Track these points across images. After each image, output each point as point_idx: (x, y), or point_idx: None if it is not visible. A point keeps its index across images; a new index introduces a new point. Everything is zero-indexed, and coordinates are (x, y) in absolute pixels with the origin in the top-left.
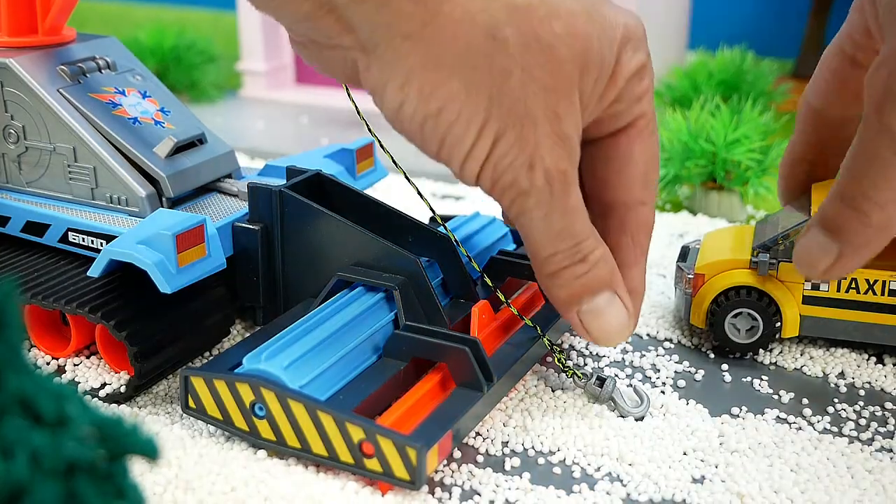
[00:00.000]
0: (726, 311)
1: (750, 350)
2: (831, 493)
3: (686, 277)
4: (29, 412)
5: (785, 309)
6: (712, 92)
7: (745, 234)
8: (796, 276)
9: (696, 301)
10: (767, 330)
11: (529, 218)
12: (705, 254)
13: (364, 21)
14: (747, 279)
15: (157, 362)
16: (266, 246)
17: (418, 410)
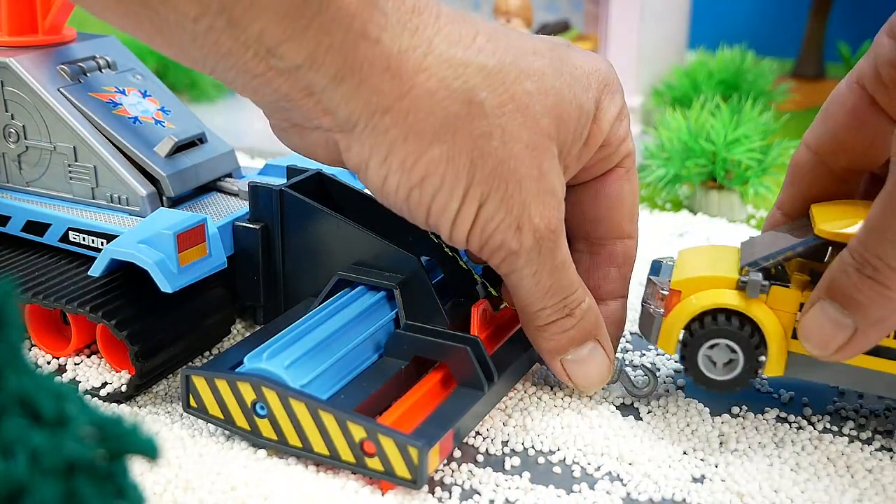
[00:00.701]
0: (702, 340)
1: (726, 388)
2: (831, 493)
3: (659, 293)
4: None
5: (771, 342)
6: (712, 91)
7: (727, 251)
8: (790, 303)
9: (668, 322)
10: (749, 365)
11: (519, 276)
12: (683, 269)
13: (342, 102)
14: (733, 301)
15: (157, 361)
16: (266, 245)
17: (419, 409)
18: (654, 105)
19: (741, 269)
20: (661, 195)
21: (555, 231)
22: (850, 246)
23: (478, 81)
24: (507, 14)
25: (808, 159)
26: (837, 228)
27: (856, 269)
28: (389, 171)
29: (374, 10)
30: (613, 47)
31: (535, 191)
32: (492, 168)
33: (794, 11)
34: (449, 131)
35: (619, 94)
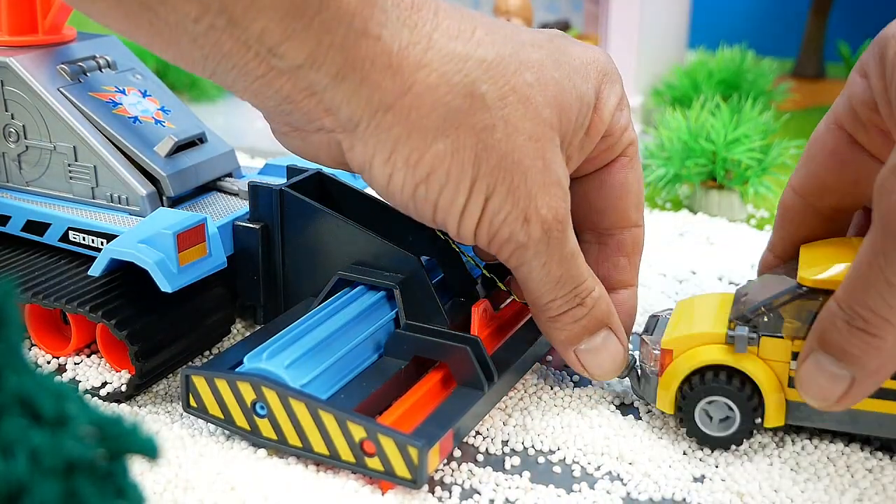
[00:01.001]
0: (697, 398)
1: (725, 445)
2: (831, 493)
3: (651, 353)
4: (29, 411)
5: (768, 393)
6: (712, 91)
7: (723, 302)
8: (781, 353)
9: (664, 382)
10: (745, 423)
11: (529, 268)
12: (675, 325)
13: (343, 101)
14: (722, 357)
15: (157, 361)
16: (266, 245)
17: (419, 409)
18: (654, 105)
19: (729, 323)
20: (661, 195)
21: (562, 221)
22: (837, 296)
23: (479, 74)
24: (508, 14)
25: (794, 202)
26: (818, 275)
27: (845, 321)
28: (394, 168)
29: (374, 7)
30: (613, 47)
31: (541, 182)
32: (496, 161)
33: (794, 11)
34: (452, 126)
35: (619, 84)
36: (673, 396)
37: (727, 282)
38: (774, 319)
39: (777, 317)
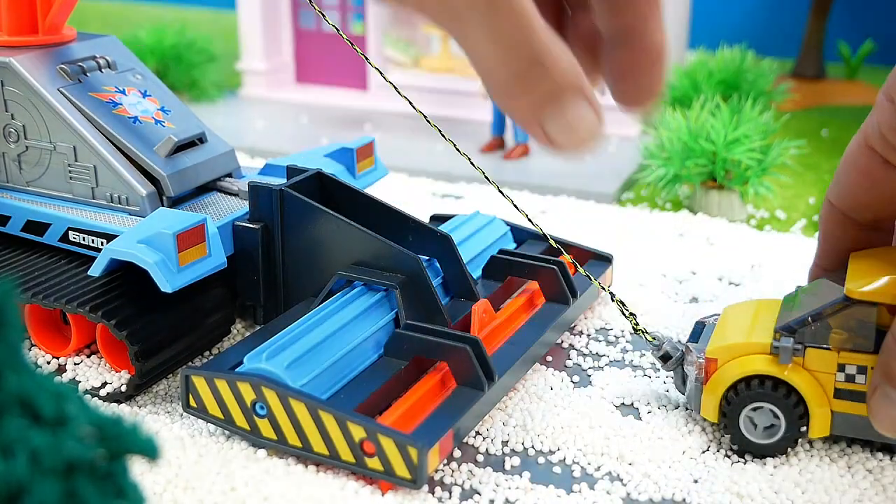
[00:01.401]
0: (742, 405)
1: (770, 452)
2: (831, 493)
3: (697, 362)
4: (29, 411)
5: (813, 405)
6: (712, 91)
7: (770, 310)
8: (827, 364)
9: (708, 390)
10: (790, 431)
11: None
12: (721, 333)
13: None
14: (767, 367)
15: (157, 361)
16: (266, 245)
17: (419, 409)
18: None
19: (775, 334)
20: (661, 195)
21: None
22: (893, 330)
23: None
24: None
25: (834, 215)
26: (865, 287)
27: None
28: None
29: None
30: None
31: None
32: None
33: (793, 11)
34: None
35: None
36: (717, 404)
37: (727, 282)
38: (820, 331)
39: (823, 328)
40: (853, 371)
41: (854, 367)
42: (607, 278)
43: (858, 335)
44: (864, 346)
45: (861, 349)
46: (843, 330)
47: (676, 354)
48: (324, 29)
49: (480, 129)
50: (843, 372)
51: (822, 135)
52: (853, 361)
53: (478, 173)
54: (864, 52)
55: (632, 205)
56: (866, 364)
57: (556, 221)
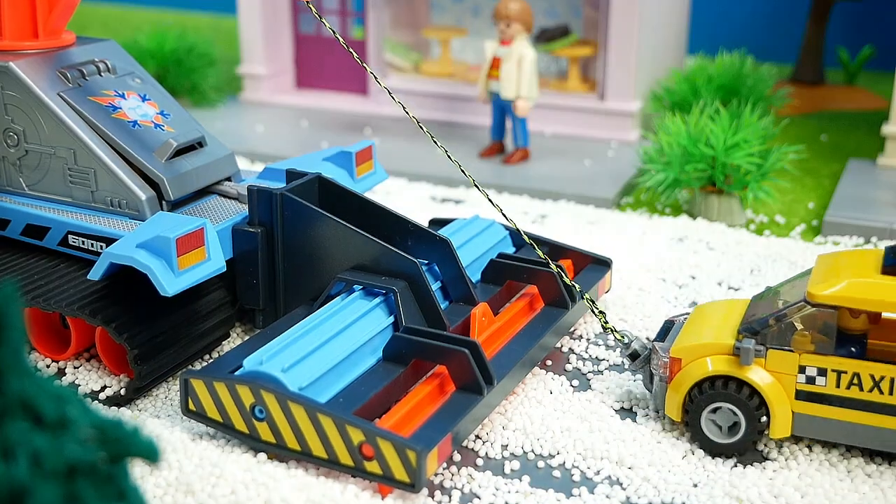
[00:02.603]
0: (704, 404)
1: (732, 451)
2: (831, 497)
3: (662, 361)
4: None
5: (774, 406)
6: (712, 96)
7: (738, 310)
8: (788, 366)
9: (672, 389)
10: (751, 432)
11: None
12: (687, 333)
13: None
14: (729, 368)
15: (156, 365)
16: (266, 249)
17: (418, 413)
18: (654, 110)
19: (738, 335)
20: (661, 200)
21: None
22: None
23: None
24: (508, 19)
25: None
26: (826, 290)
27: None
28: None
29: None
30: (613, 52)
31: None
32: None
33: (793, 17)
34: None
35: None
36: (680, 404)
37: (727, 287)
38: (782, 332)
39: (785, 330)
40: (814, 373)
41: (815, 370)
42: (606, 283)
43: (820, 337)
44: (825, 349)
45: (822, 351)
46: (804, 332)
47: (644, 353)
48: (324, 34)
49: (480, 134)
50: (803, 374)
51: (822, 140)
52: (814, 363)
53: (478, 178)
54: (863, 57)
55: (631, 209)
56: (827, 366)
57: (555, 226)
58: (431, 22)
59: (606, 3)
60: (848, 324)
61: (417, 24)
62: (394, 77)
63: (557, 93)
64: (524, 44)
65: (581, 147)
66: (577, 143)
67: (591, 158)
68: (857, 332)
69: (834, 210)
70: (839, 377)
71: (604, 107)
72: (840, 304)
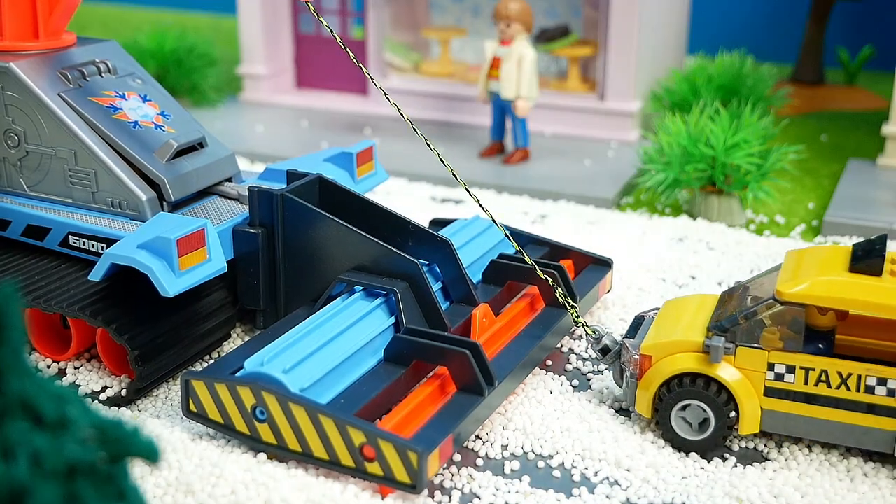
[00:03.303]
0: (674, 402)
1: (702, 448)
2: (831, 497)
3: (632, 358)
4: (30, 414)
5: (743, 402)
6: (712, 96)
7: (707, 306)
8: (757, 363)
9: (642, 386)
10: (720, 424)
11: None
12: (657, 330)
13: None
14: (698, 365)
15: (157, 366)
16: (267, 249)
17: (419, 414)
18: (654, 110)
19: (707, 332)
20: (661, 200)
21: None
22: None
23: None
24: (508, 19)
25: None
26: (793, 289)
27: None
28: None
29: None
30: (613, 52)
31: None
32: None
33: (793, 17)
34: None
35: None
36: (650, 401)
37: (727, 287)
38: (751, 330)
39: (754, 327)
40: (782, 370)
41: (783, 367)
42: (607, 283)
43: (788, 335)
44: (793, 346)
45: (790, 349)
46: (773, 329)
47: (615, 348)
48: (324, 34)
49: (480, 134)
50: (772, 371)
51: (822, 140)
52: (782, 361)
53: (477, 178)
54: (863, 57)
55: (631, 209)
56: (795, 364)
57: (555, 226)
58: (431, 22)
59: (606, 3)
60: (816, 321)
61: (417, 24)
62: (394, 77)
63: (557, 93)
64: (524, 44)
65: (581, 147)
66: (577, 143)
67: (591, 158)
68: (826, 328)
69: (834, 210)
70: (807, 374)
71: (604, 107)
72: (808, 302)
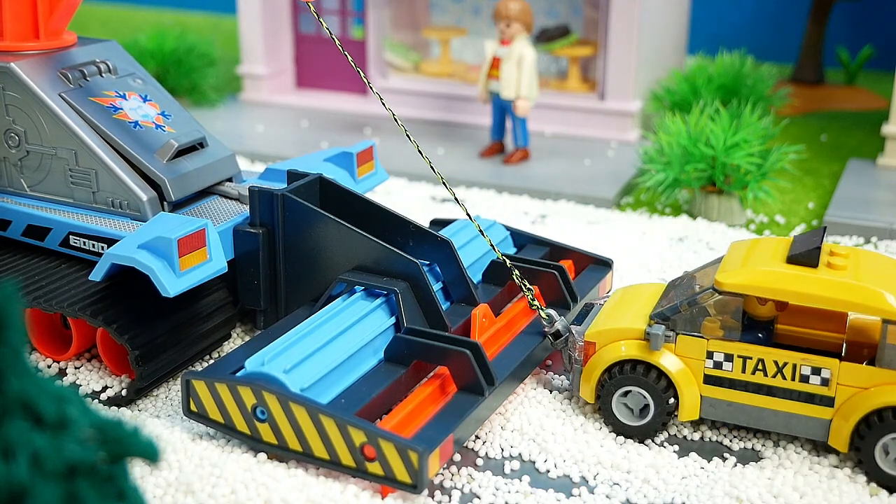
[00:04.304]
0: (614, 388)
1: (641, 433)
2: (830, 499)
3: (578, 344)
4: (30, 414)
5: (683, 389)
6: (712, 96)
7: (653, 295)
8: (697, 351)
9: (586, 372)
10: (660, 410)
11: None
12: (603, 317)
13: None
14: (640, 353)
15: (158, 366)
16: (267, 249)
17: (420, 414)
18: (654, 110)
19: (649, 320)
20: (661, 200)
21: None
22: None
23: None
24: (508, 19)
25: None
26: (732, 279)
27: None
28: None
29: None
30: (613, 52)
31: None
32: None
33: (793, 17)
34: None
35: None
36: (594, 387)
37: None
38: (692, 318)
39: (694, 316)
40: (721, 359)
41: (722, 355)
42: (607, 284)
43: (728, 324)
44: (732, 335)
45: (729, 338)
46: (713, 319)
47: (566, 334)
48: (324, 34)
49: (480, 134)
50: (711, 359)
51: (822, 140)
52: (721, 349)
53: (477, 178)
54: (863, 57)
55: (631, 209)
56: (733, 352)
57: (555, 226)
58: (431, 22)
59: (606, 3)
60: (756, 311)
61: (417, 24)
62: (394, 77)
63: (557, 93)
64: (524, 44)
65: (581, 147)
66: (577, 143)
67: (591, 158)
68: (765, 318)
69: (834, 210)
70: (745, 363)
71: (604, 107)
72: (744, 291)
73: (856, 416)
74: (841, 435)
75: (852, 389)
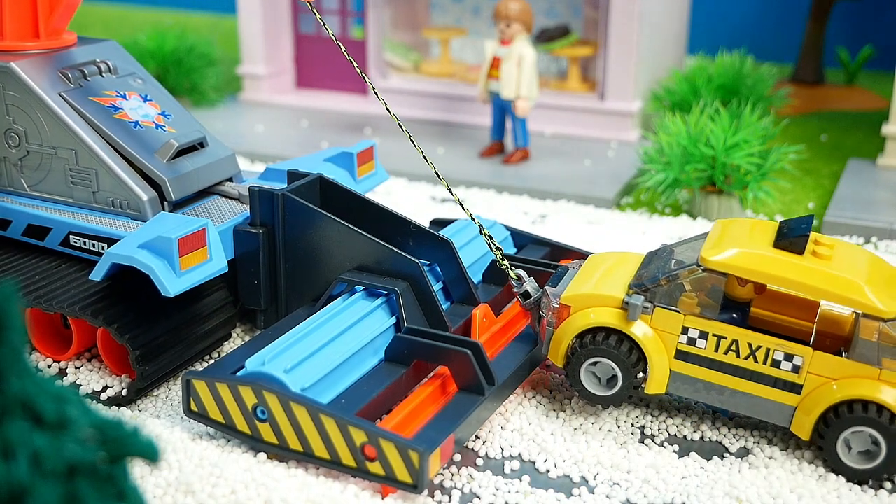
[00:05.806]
0: (583, 357)
1: (607, 403)
2: (829, 500)
3: (551, 306)
4: (30, 414)
5: (654, 362)
6: (712, 96)
7: (631, 264)
8: (672, 325)
9: (557, 336)
10: (627, 382)
11: None
12: (580, 281)
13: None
14: (614, 321)
15: (158, 366)
16: (267, 249)
17: (420, 414)
18: (654, 110)
19: (628, 289)
20: (661, 200)
21: None
22: None
23: None
24: (508, 19)
25: None
26: (716, 256)
27: None
28: None
29: None
30: (613, 52)
31: None
32: None
33: (793, 17)
34: None
35: None
36: (564, 351)
37: None
38: (671, 292)
39: (674, 290)
40: (695, 335)
41: (697, 332)
42: None
43: (706, 301)
44: (709, 313)
45: (706, 315)
46: (692, 294)
47: (536, 295)
48: (324, 34)
49: (480, 134)
50: (686, 335)
51: (822, 140)
52: (697, 326)
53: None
54: (863, 57)
55: (631, 209)
56: (709, 330)
57: (555, 226)
58: (431, 22)
59: (606, 3)
60: (735, 291)
61: (417, 24)
62: (394, 77)
63: (557, 93)
64: (524, 44)
65: (581, 147)
66: (577, 143)
67: (591, 158)
68: (743, 300)
69: (834, 210)
70: (719, 342)
71: (604, 107)
72: (729, 271)
73: (821, 406)
74: (805, 423)
75: (821, 379)
